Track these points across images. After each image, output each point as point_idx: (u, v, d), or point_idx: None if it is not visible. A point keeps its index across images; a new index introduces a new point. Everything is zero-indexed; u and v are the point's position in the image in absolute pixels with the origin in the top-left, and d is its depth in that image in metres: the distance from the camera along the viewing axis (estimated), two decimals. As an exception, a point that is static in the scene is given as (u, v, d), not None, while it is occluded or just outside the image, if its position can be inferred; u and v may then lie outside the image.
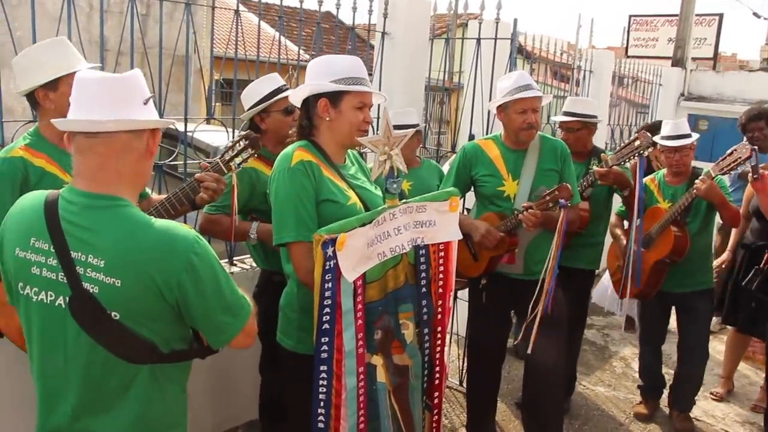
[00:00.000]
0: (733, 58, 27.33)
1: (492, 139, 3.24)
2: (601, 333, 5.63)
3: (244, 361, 3.27)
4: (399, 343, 2.26)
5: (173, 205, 2.44)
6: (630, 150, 3.41)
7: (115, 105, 1.55)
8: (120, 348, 1.55)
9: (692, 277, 3.73)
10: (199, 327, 1.63)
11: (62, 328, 1.56)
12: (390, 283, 2.22)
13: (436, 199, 2.34)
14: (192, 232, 1.58)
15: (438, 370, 2.47)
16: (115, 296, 1.50)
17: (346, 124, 2.25)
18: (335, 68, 2.24)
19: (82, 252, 1.51)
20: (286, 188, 2.16)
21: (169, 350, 1.62)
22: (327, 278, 1.97)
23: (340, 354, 2.04)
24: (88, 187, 1.56)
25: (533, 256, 3.09)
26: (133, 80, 1.62)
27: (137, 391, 1.60)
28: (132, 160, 1.59)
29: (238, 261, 3.69)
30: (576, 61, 6.59)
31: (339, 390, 2.06)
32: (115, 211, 1.54)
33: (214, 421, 3.60)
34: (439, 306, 2.41)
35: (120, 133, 1.55)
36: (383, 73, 4.28)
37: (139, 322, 1.54)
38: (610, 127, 7.22)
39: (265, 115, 2.93)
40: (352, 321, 2.04)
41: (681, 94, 9.24)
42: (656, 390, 4.21)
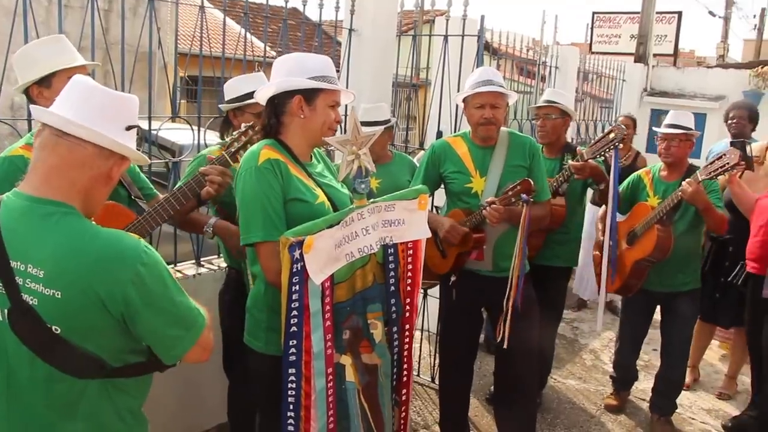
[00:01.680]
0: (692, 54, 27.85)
1: (461, 136, 3.24)
2: (571, 326, 5.69)
3: (210, 365, 3.18)
4: (368, 342, 2.24)
5: (179, 201, 2.41)
6: (604, 143, 3.42)
7: (96, 117, 1.49)
8: (63, 363, 1.45)
9: (677, 277, 3.70)
10: (149, 342, 1.55)
11: (1, 341, 1.47)
12: (358, 283, 2.20)
13: (405, 197, 2.33)
14: (140, 241, 1.50)
15: (406, 368, 2.46)
16: (55, 309, 1.42)
17: (319, 123, 2.21)
18: (309, 66, 2.20)
19: (21, 261, 1.42)
20: (253, 187, 2.11)
21: (122, 364, 1.54)
22: (294, 281, 1.94)
23: (309, 356, 2.01)
24: (36, 190, 1.48)
25: (501, 253, 3.09)
26: (127, 102, 1.58)
27: (87, 408, 1.52)
28: (90, 176, 1.51)
29: (205, 261, 3.63)
30: (541, 57, 6.65)
31: (308, 392, 2.04)
32: (58, 218, 1.45)
33: (183, 426, 3.53)
34: (407, 304, 2.40)
35: (88, 144, 1.48)
36: (351, 70, 4.26)
37: (84, 336, 1.45)
38: (576, 122, 7.30)
39: (239, 113, 2.91)
40: (320, 323, 2.02)
41: (644, 90, 9.39)
42: (628, 382, 4.24)
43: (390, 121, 3.72)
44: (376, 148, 3.49)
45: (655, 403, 4.01)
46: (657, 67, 9.76)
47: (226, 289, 3.05)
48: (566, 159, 3.81)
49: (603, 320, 4.06)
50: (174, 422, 3.45)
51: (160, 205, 2.38)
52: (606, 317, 5.79)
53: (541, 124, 3.88)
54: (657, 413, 3.99)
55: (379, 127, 2.46)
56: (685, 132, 3.63)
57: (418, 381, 4.36)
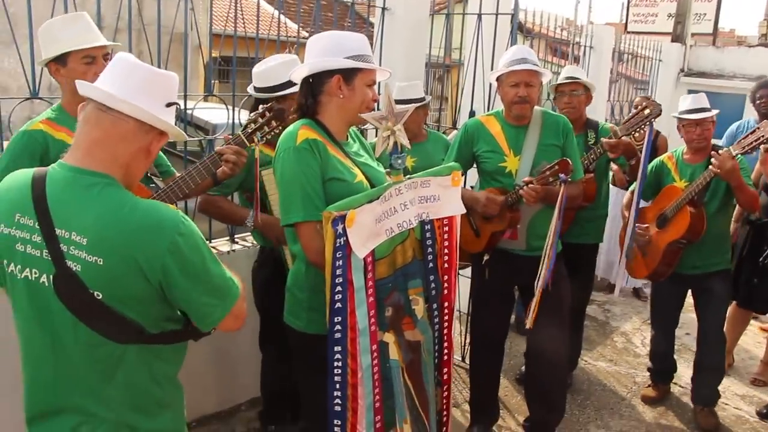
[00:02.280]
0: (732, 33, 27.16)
1: (494, 115, 3.22)
2: (602, 309, 5.66)
3: (245, 339, 3.28)
4: (410, 319, 2.25)
5: (193, 179, 2.42)
6: (639, 119, 3.37)
7: (139, 92, 1.54)
8: (105, 328, 1.52)
9: (708, 258, 3.64)
10: (185, 309, 1.60)
11: (47, 306, 1.53)
12: (398, 259, 2.20)
13: (439, 174, 2.33)
14: (178, 212, 1.55)
15: (446, 346, 2.46)
16: (97, 275, 1.47)
17: (358, 102, 2.21)
18: (346, 45, 2.18)
19: (66, 229, 1.48)
20: (293, 168, 2.11)
21: (159, 331, 1.60)
22: (338, 256, 1.95)
23: (354, 332, 2.01)
24: (80, 162, 1.53)
25: (535, 232, 3.08)
26: (168, 79, 1.63)
27: (125, 372, 1.58)
28: (132, 150, 1.56)
29: (239, 239, 3.69)
30: (575, 37, 6.54)
31: (355, 369, 2.03)
32: (100, 189, 1.50)
33: (216, 400, 3.63)
34: (445, 281, 2.41)
35: (131, 118, 1.53)
36: (383, 49, 4.25)
37: (123, 302, 1.51)
38: (610, 103, 7.19)
39: (283, 100, 2.80)
40: (364, 298, 2.02)
41: (681, 70, 9.19)
42: (666, 374, 4.15)
43: (425, 99, 3.71)
44: (411, 126, 3.48)
45: (697, 393, 3.89)
46: (695, 47, 9.54)
47: (261, 266, 3.08)
48: (590, 135, 3.78)
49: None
50: (207, 396, 3.55)
51: (176, 183, 2.40)
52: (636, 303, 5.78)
53: (567, 101, 3.83)
54: (700, 404, 3.86)
55: (411, 105, 2.46)
56: (712, 115, 3.58)
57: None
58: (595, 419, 3.86)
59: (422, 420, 2.30)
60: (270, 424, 3.31)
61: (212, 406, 3.61)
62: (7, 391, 2.61)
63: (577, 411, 3.92)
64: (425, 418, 2.31)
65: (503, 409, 3.80)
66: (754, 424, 3.90)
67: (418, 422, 2.29)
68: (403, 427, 2.24)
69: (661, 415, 3.96)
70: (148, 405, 1.64)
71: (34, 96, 2.93)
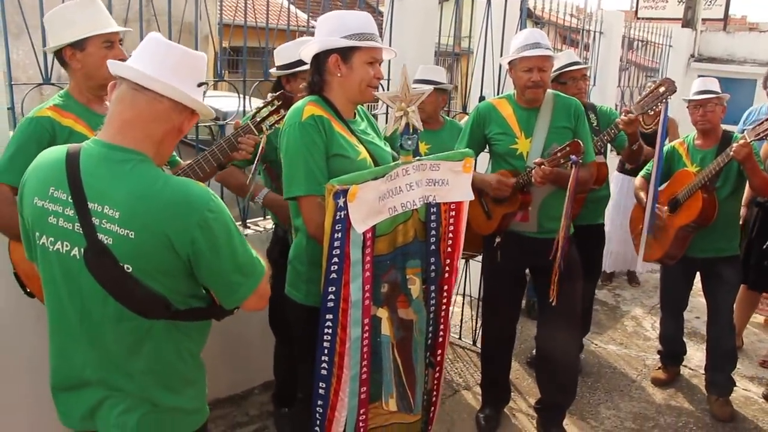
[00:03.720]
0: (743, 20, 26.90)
1: (505, 98, 3.24)
2: (612, 293, 5.68)
3: (258, 323, 3.32)
4: (405, 297, 2.29)
5: (201, 167, 2.43)
6: (654, 97, 3.35)
7: (173, 72, 1.57)
8: (132, 302, 1.55)
9: (718, 242, 3.65)
10: (211, 285, 1.64)
11: (77, 279, 1.57)
12: (399, 237, 2.24)
13: (451, 158, 2.35)
14: (208, 190, 1.59)
15: (442, 329, 2.49)
16: (127, 248, 1.51)
17: (357, 80, 2.25)
18: (346, 24, 2.23)
19: (98, 203, 1.51)
20: (297, 142, 2.17)
21: (186, 307, 1.63)
22: (337, 228, 2.00)
23: (347, 304, 2.07)
24: (113, 138, 1.56)
25: (546, 214, 3.10)
26: (199, 60, 1.66)
27: (152, 346, 1.62)
28: (164, 129, 1.60)
29: (251, 223, 3.73)
30: (585, 24, 6.52)
31: (344, 339, 2.10)
32: (133, 165, 1.54)
33: (230, 383, 3.67)
34: (446, 265, 2.43)
35: (165, 98, 1.57)
36: (393, 37, 4.26)
37: (152, 276, 1.54)
38: (620, 89, 7.17)
39: (292, 79, 2.94)
40: (359, 272, 2.07)
41: (691, 56, 9.13)
42: (676, 357, 4.17)
43: (444, 84, 3.72)
44: (427, 108, 3.55)
45: (711, 382, 3.87)
46: (705, 32, 9.48)
47: (273, 247, 3.14)
48: (592, 118, 3.82)
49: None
50: (220, 378, 3.58)
51: (183, 172, 2.42)
52: (646, 288, 5.79)
53: (580, 86, 3.85)
54: (715, 393, 3.84)
55: (428, 87, 2.46)
56: (717, 96, 3.58)
57: (459, 344, 4.43)
58: (605, 401, 3.89)
59: (408, 397, 2.35)
60: (283, 407, 3.36)
61: (226, 389, 3.66)
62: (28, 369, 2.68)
63: (588, 393, 3.95)
64: (411, 395, 2.36)
65: (514, 391, 3.83)
66: (763, 406, 3.92)
67: (404, 398, 2.34)
68: (388, 402, 2.31)
69: (671, 396, 3.98)
70: (172, 381, 1.68)
71: (47, 82, 2.96)
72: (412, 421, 2.42)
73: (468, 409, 3.69)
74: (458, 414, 3.64)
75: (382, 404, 2.31)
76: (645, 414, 3.77)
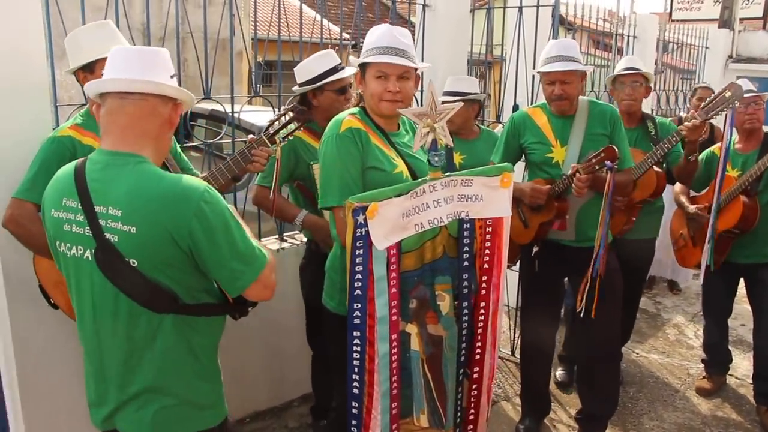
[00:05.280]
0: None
1: (540, 106, 3.22)
2: (653, 301, 5.57)
3: (297, 336, 3.34)
4: (434, 313, 2.28)
5: (216, 179, 2.48)
6: (720, 102, 3.23)
7: (147, 71, 1.67)
8: (140, 296, 1.63)
9: (762, 248, 3.57)
10: (213, 274, 1.69)
11: (90, 279, 1.66)
12: (427, 254, 2.23)
13: (486, 174, 2.32)
14: (204, 183, 1.66)
15: (479, 345, 2.45)
16: (131, 243, 1.59)
17: (369, 95, 2.30)
18: (369, 40, 2.30)
19: (103, 205, 1.62)
20: (333, 154, 2.22)
21: (195, 302, 1.70)
22: (358, 245, 2.01)
23: (373, 320, 2.06)
24: (113, 146, 1.67)
25: (585, 222, 3.06)
26: (164, 54, 1.75)
27: (163, 341, 1.68)
28: (157, 124, 1.70)
29: (288, 237, 3.76)
30: (618, 28, 6.45)
31: (372, 356, 2.09)
32: (132, 166, 1.64)
33: (269, 396, 3.70)
34: (483, 281, 2.40)
35: (149, 96, 1.67)
36: (425, 46, 4.27)
37: (158, 268, 1.62)
38: (656, 93, 7.06)
39: (319, 92, 2.98)
40: (385, 288, 2.07)
41: (729, 56, 8.96)
42: (721, 365, 4.08)
43: (473, 94, 3.66)
44: (459, 122, 3.50)
45: (759, 392, 3.76)
46: (744, 32, 9.29)
47: (307, 261, 3.16)
48: (650, 127, 3.71)
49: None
50: (259, 392, 3.63)
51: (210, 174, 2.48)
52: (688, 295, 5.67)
53: (629, 92, 3.71)
54: (763, 404, 3.71)
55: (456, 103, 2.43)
56: (760, 95, 3.52)
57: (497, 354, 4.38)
58: (648, 411, 3.81)
59: (439, 412, 2.33)
60: (321, 419, 3.37)
61: (265, 402, 3.69)
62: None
63: (630, 404, 3.88)
64: (442, 411, 2.34)
65: (555, 402, 3.78)
66: None
67: (435, 414, 2.32)
68: (419, 417, 2.29)
69: (718, 407, 3.88)
70: (185, 376, 1.74)
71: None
72: None
73: (507, 420, 3.65)
74: (498, 425, 3.60)
75: (414, 420, 2.30)
76: (690, 425, 3.68)
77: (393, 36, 2.28)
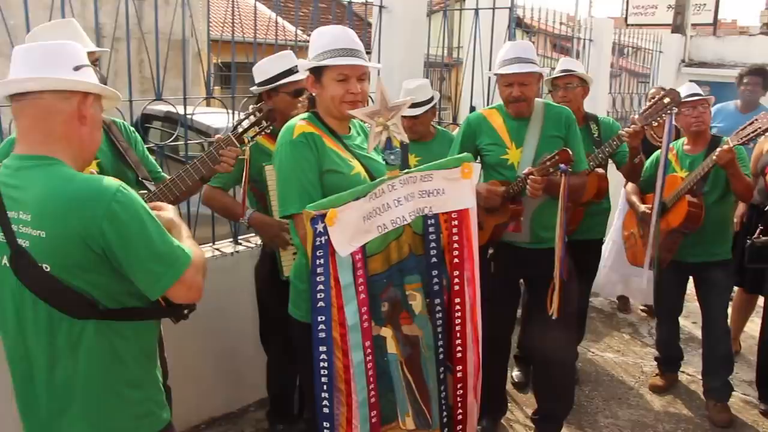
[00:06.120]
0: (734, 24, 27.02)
1: (496, 108, 3.23)
2: (608, 300, 5.65)
3: (252, 340, 3.30)
4: (407, 314, 2.25)
5: (184, 181, 2.42)
6: (658, 108, 3.30)
7: (41, 68, 1.60)
8: (58, 301, 1.57)
9: (709, 247, 3.65)
10: (132, 277, 1.61)
11: (10, 287, 1.61)
12: (393, 254, 2.21)
13: (445, 166, 2.31)
14: (116, 182, 1.60)
15: (459, 343, 2.43)
16: (42, 248, 1.54)
17: (328, 98, 2.26)
18: (320, 42, 2.25)
19: (15, 210, 1.57)
20: (289, 161, 2.19)
21: (118, 306, 1.63)
22: (318, 254, 1.96)
23: (344, 329, 2.02)
24: (22, 150, 1.63)
25: (539, 224, 3.08)
26: (65, 47, 1.67)
27: (86, 348, 1.61)
28: (60, 121, 1.62)
29: (242, 240, 3.72)
30: (575, 32, 6.54)
31: (347, 365, 2.05)
32: (42, 168, 1.58)
33: (225, 401, 3.65)
34: (455, 276, 2.38)
35: (45, 94, 1.60)
36: (382, 49, 4.27)
37: (70, 272, 1.56)
38: (611, 95, 7.19)
39: (274, 93, 2.96)
40: (353, 295, 2.03)
41: (682, 61, 9.18)
42: (673, 363, 4.16)
43: (433, 100, 3.65)
44: (419, 128, 3.54)
45: (708, 387, 3.86)
46: (695, 37, 9.53)
47: (261, 264, 3.13)
48: (593, 128, 3.77)
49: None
50: (214, 398, 3.57)
51: (166, 186, 2.42)
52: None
53: (562, 94, 3.77)
54: (713, 399, 3.81)
55: (407, 99, 2.43)
56: (706, 98, 3.60)
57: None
58: (603, 409, 3.86)
59: (424, 413, 2.31)
60: (278, 423, 3.34)
61: (221, 407, 3.63)
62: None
63: (585, 402, 3.93)
64: (427, 411, 2.32)
65: (511, 402, 3.81)
66: (762, 409, 3.89)
67: (420, 415, 2.30)
68: (405, 420, 2.26)
69: (670, 403, 3.96)
70: (114, 384, 1.67)
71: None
72: None
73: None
74: (455, 427, 3.61)
75: (400, 423, 2.27)
76: (643, 422, 3.75)
77: (349, 37, 2.27)
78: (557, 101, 3.79)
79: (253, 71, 3.03)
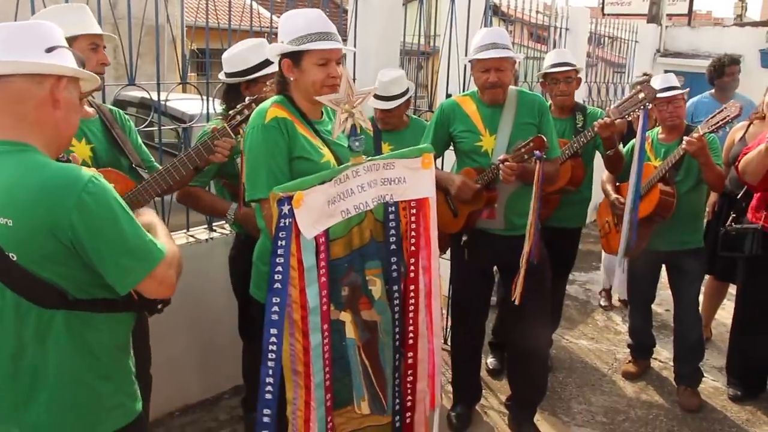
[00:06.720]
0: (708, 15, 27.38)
1: (469, 95, 3.24)
2: (583, 288, 5.71)
3: (227, 328, 3.28)
4: (367, 299, 2.27)
5: (178, 171, 2.41)
6: (633, 103, 3.34)
7: (10, 51, 1.52)
8: (25, 291, 1.53)
9: (681, 235, 3.69)
10: (101, 270, 1.57)
11: None
12: (355, 240, 2.22)
13: (407, 156, 2.32)
14: (89, 172, 1.54)
15: (412, 330, 2.43)
16: (8, 237, 1.49)
17: (309, 83, 2.24)
18: (296, 25, 2.22)
19: None
20: (259, 145, 2.17)
21: (88, 297, 1.59)
22: (281, 236, 1.97)
23: (305, 311, 2.04)
24: None
25: (513, 211, 3.10)
26: (36, 28, 1.60)
27: (55, 339, 1.58)
28: (32, 105, 1.55)
29: (217, 227, 3.69)
30: (552, 21, 6.56)
31: (306, 347, 2.06)
32: (13, 155, 1.53)
33: (200, 389, 3.64)
34: (411, 264, 2.39)
35: (15, 77, 1.53)
36: (358, 36, 4.24)
37: (38, 263, 1.52)
38: (588, 84, 7.23)
39: (253, 84, 2.89)
40: (315, 278, 2.05)
41: (657, 51, 9.26)
42: (646, 350, 4.21)
43: (408, 92, 3.63)
44: (393, 120, 3.56)
45: (679, 374, 3.92)
46: (671, 27, 9.61)
47: (237, 252, 3.10)
48: (578, 118, 3.78)
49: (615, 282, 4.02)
50: (189, 385, 3.55)
51: (160, 175, 2.40)
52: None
53: (563, 89, 3.77)
54: (683, 384, 3.88)
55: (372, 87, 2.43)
56: (681, 92, 3.63)
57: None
58: (576, 396, 3.91)
59: (380, 398, 2.33)
60: (252, 411, 3.30)
61: (196, 394, 3.61)
62: None
63: (559, 389, 3.97)
64: (383, 397, 2.34)
65: (485, 389, 3.83)
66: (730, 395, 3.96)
67: (376, 400, 2.32)
68: (360, 405, 2.29)
69: (642, 390, 4.02)
70: (83, 376, 1.63)
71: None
72: (386, 422, 2.40)
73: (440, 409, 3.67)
74: (430, 413, 3.63)
75: (354, 407, 2.29)
76: (616, 408, 3.80)
77: (324, 20, 2.25)
78: (556, 94, 3.78)
79: (224, 60, 2.95)
